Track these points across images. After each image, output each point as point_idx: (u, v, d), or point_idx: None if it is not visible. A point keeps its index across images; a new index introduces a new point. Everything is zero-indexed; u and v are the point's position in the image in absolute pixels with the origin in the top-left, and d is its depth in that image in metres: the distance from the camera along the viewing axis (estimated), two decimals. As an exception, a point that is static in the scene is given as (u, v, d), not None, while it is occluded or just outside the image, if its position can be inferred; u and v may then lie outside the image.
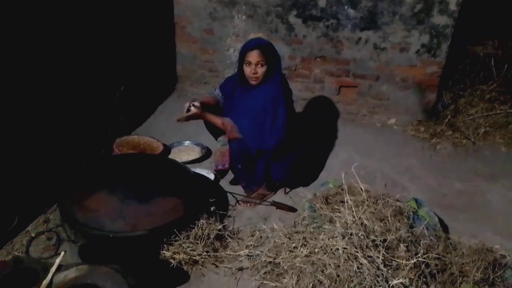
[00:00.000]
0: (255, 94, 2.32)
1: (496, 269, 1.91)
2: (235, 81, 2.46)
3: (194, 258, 1.96)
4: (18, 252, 2.04)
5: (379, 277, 1.68)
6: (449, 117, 3.47)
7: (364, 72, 3.49)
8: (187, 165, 2.67)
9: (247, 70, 2.29)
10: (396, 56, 3.36)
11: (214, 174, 2.67)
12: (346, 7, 3.26)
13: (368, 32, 3.32)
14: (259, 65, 2.26)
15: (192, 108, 2.31)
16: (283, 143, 2.34)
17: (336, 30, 3.37)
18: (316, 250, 1.82)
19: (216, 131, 2.50)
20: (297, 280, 1.75)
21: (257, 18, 3.51)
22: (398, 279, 1.67)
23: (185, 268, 1.97)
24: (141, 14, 3.22)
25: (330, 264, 1.72)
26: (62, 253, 1.72)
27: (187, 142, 3.04)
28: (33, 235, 2.14)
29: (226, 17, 3.59)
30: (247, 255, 2.00)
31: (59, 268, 1.61)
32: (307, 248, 1.84)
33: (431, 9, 3.15)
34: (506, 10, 3.93)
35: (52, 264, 1.61)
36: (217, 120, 2.38)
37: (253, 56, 2.25)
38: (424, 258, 1.77)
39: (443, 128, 3.39)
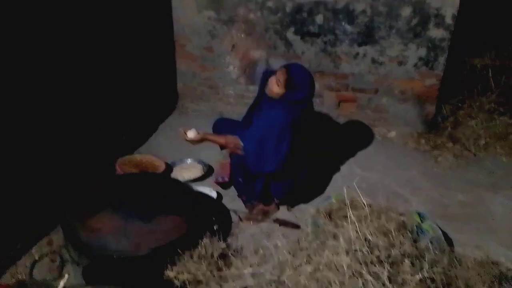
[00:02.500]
0: (269, 112, 2.34)
1: (503, 282, 1.90)
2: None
3: (198, 278, 1.95)
4: (22, 275, 2.03)
5: (384, 293, 1.67)
6: (449, 129, 3.48)
7: (363, 85, 3.52)
8: (189, 183, 2.67)
9: (270, 80, 2.35)
10: (394, 69, 3.39)
11: (217, 192, 2.68)
12: (343, 23, 3.31)
13: (366, 46, 3.36)
14: (278, 84, 2.29)
15: (189, 136, 2.37)
16: (282, 170, 2.35)
17: (334, 45, 3.41)
18: (320, 267, 1.81)
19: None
20: (302, 298, 1.74)
21: (255, 36, 3.55)
22: (404, 294, 1.66)
23: (189, 288, 1.96)
24: (140, 32, 3.27)
25: (335, 281, 1.71)
26: (66, 275, 1.71)
27: (189, 159, 3.05)
28: (36, 257, 2.14)
29: (226, 35, 3.64)
30: (251, 274, 1.99)
31: (64, 291, 1.60)
32: (311, 265, 1.83)
33: (427, 23, 3.19)
34: (501, 21, 3.99)
35: (56, 287, 1.61)
36: (220, 140, 2.41)
37: (280, 73, 2.29)
38: (430, 273, 1.76)
39: (443, 140, 3.40)
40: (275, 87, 2.30)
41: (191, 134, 2.38)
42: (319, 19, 3.34)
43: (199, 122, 3.53)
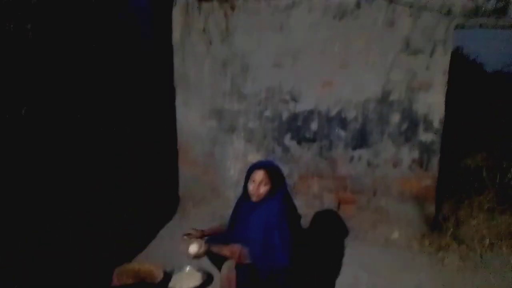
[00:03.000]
0: (259, 212, 2.36)
1: None
2: (239, 201, 2.53)
3: None
4: None
5: None
6: (451, 229, 3.45)
7: (361, 187, 3.58)
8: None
9: (251, 187, 2.40)
10: (390, 171, 3.49)
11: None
12: (337, 129, 3.50)
13: (360, 150, 3.51)
14: (262, 184, 2.36)
15: (192, 251, 2.31)
16: (294, 261, 2.29)
17: (329, 149, 3.57)
18: None
19: (218, 260, 2.46)
20: None
21: (255, 141, 3.74)
22: None
23: None
24: (145, 140, 3.45)
25: None
26: None
27: (188, 267, 2.97)
28: None
29: (227, 141, 3.83)
30: None
31: None
32: None
33: (416, 127, 3.38)
34: (489, 123, 4.22)
35: None
36: (225, 251, 2.37)
37: (258, 175, 2.37)
38: None
39: (447, 240, 3.35)
40: (261, 188, 2.36)
41: (194, 248, 2.32)
42: (314, 125, 3.56)
43: (200, 227, 3.54)
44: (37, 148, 2.30)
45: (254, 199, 2.39)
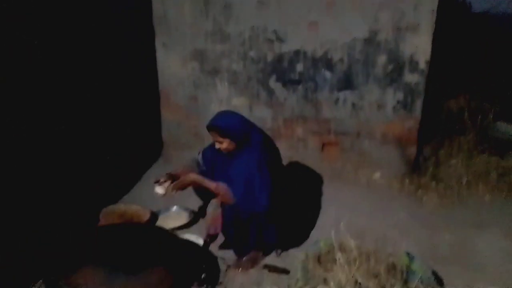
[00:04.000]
0: (238, 159, 2.38)
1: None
2: (213, 149, 2.54)
3: (185, 331, 1.87)
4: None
5: None
6: (431, 169, 3.55)
7: (345, 129, 3.60)
8: (175, 231, 2.62)
9: (216, 145, 2.43)
10: (374, 113, 3.50)
11: (204, 240, 2.62)
12: (322, 70, 3.45)
13: (346, 92, 3.48)
14: (220, 141, 2.37)
15: (158, 191, 2.34)
16: (274, 202, 2.34)
17: (314, 91, 3.53)
18: (311, 313, 1.76)
19: (205, 195, 2.50)
20: None
21: (239, 85, 3.67)
22: None
23: None
24: (125, 84, 3.34)
25: (327, 328, 1.67)
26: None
27: (174, 207, 3.02)
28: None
29: (210, 85, 3.74)
30: (241, 324, 1.92)
31: None
32: (302, 312, 1.79)
33: (402, 69, 3.35)
34: (473, 66, 4.23)
35: None
36: (211, 184, 2.40)
37: (212, 134, 2.41)
38: (422, 315, 1.73)
39: (427, 180, 3.46)
40: (224, 145, 2.37)
41: (160, 190, 2.34)
42: (299, 67, 3.48)
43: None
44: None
45: (225, 153, 2.41)
